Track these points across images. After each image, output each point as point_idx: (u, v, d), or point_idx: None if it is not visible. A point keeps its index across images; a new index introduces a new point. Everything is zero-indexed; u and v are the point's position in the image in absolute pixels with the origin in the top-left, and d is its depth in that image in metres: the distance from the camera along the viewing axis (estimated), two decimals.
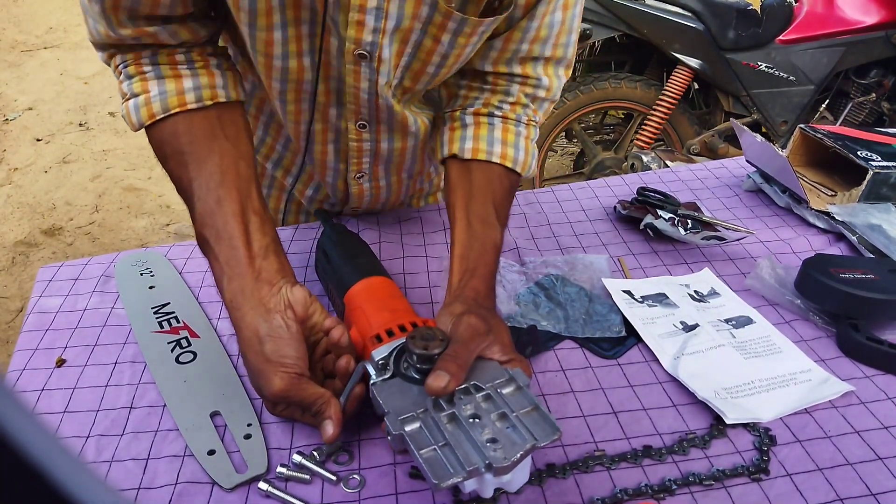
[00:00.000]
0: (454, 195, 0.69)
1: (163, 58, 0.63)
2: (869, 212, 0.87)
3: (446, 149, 0.73)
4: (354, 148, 0.76)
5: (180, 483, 0.54)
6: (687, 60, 2.20)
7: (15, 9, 4.53)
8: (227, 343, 0.70)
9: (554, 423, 0.47)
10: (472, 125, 0.72)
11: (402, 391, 0.51)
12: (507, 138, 0.71)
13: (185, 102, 0.63)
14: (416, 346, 0.51)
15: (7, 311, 2.16)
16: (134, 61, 0.63)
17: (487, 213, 0.66)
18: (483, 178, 0.69)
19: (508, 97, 0.73)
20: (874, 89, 2.30)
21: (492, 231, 0.65)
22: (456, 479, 0.44)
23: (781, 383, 0.65)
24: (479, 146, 0.71)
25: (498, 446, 0.45)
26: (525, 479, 0.49)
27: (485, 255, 0.63)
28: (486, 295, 0.61)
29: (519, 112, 0.73)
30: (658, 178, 1.04)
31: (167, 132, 0.63)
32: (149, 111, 0.63)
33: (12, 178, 2.83)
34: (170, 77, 0.63)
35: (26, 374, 0.66)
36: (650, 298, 0.76)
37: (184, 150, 0.62)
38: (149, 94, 0.63)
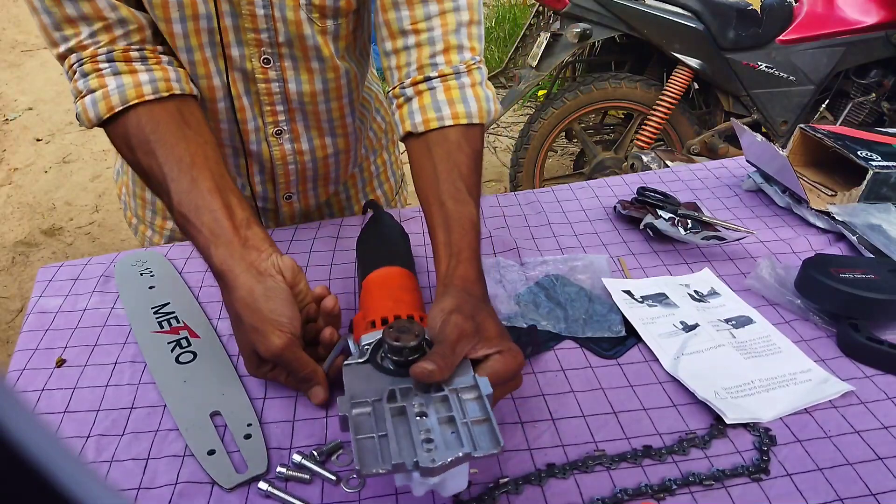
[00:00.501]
0: (420, 179, 0.68)
1: (118, 55, 0.66)
2: (869, 212, 0.87)
3: (400, 129, 0.72)
4: (264, 90, 0.76)
5: (180, 483, 0.54)
6: (687, 60, 2.20)
7: (15, 9, 4.53)
8: (227, 343, 0.70)
9: (499, 438, 0.46)
10: (415, 97, 0.71)
11: (369, 378, 0.51)
12: (452, 96, 0.69)
13: (143, 94, 0.65)
14: (390, 336, 0.52)
15: (7, 311, 2.16)
16: (90, 60, 0.66)
17: (458, 190, 0.65)
18: (443, 153, 0.67)
19: (436, 47, 0.70)
20: (874, 89, 2.30)
21: (466, 208, 0.64)
22: (380, 470, 0.44)
23: (781, 383, 0.65)
24: (427, 116, 0.69)
25: (431, 447, 0.45)
26: (462, 486, 0.47)
27: (465, 236, 0.62)
28: (476, 279, 0.60)
29: (455, 63, 0.70)
30: (658, 178, 1.04)
31: (131, 123, 0.65)
32: (107, 104, 0.65)
33: (12, 178, 2.83)
34: (125, 72, 0.66)
35: (26, 374, 0.66)
36: (650, 298, 0.76)
37: (149, 139, 0.64)
38: (106, 88, 0.65)
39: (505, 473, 0.56)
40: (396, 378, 0.51)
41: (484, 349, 0.54)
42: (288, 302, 0.58)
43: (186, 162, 0.63)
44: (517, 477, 0.55)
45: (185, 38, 0.70)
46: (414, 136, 0.70)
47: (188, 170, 0.62)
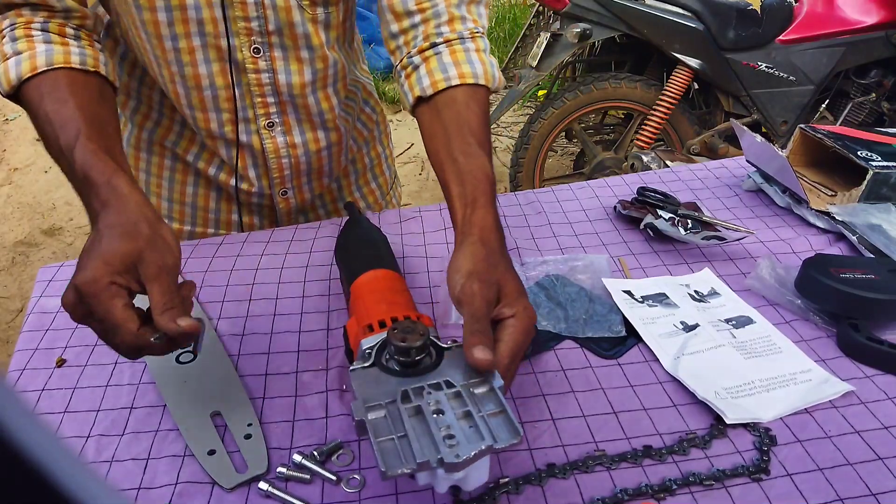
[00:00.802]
0: (433, 140, 0.69)
1: (53, 27, 0.66)
2: (869, 212, 0.87)
3: (410, 97, 0.73)
4: (254, 81, 0.77)
5: (180, 483, 0.54)
6: (687, 60, 2.20)
7: None
8: (227, 343, 0.70)
9: (517, 428, 0.46)
10: (422, 63, 0.72)
11: (378, 381, 0.51)
12: (458, 58, 0.71)
13: (70, 62, 0.64)
14: (395, 338, 0.52)
15: (7, 311, 2.16)
16: (24, 25, 0.66)
17: (468, 145, 0.65)
18: (452, 113, 0.68)
19: (440, 18, 0.72)
20: (874, 89, 2.30)
21: (479, 161, 0.64)
22: (405, 470, 0.44)
23: (781, 383, 0.65)
24: (435, 78, 0.70)
25: (453, 443, 0.45)
26: (483, 479, 0.48)
27: (479, 185, 0.62)
28: (493, 227, 0.59)
29: (459, 29, 0.72)
30: (658, 178, 1.04)
31: (48, 80, 0.63)
32: (32, 64, 0.63)
33: (12, 178, 2.83)
34: (57, 42, 0.66)
35: (26, 374, 0.66)
36: (650, 298, 0.76)
37: (66, 98, 0.62)
38: (35, 50, 0.64)
39: (505, 473, 0.56)
40: (404, 378, 0.51)
41: (503, 309, 0.54)
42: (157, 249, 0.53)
43: (97, 121, 0.61)
44: (517, 477, 0.55)
45: (170, 27, 0.71)
46: (423, 100, 0.71)
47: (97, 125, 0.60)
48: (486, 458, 0.47)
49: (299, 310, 0.75)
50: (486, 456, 0.46)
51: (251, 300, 0.76)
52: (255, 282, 0.79)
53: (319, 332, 0.72)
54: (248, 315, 0.74)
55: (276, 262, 0.82)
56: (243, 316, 0.74)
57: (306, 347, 0.69)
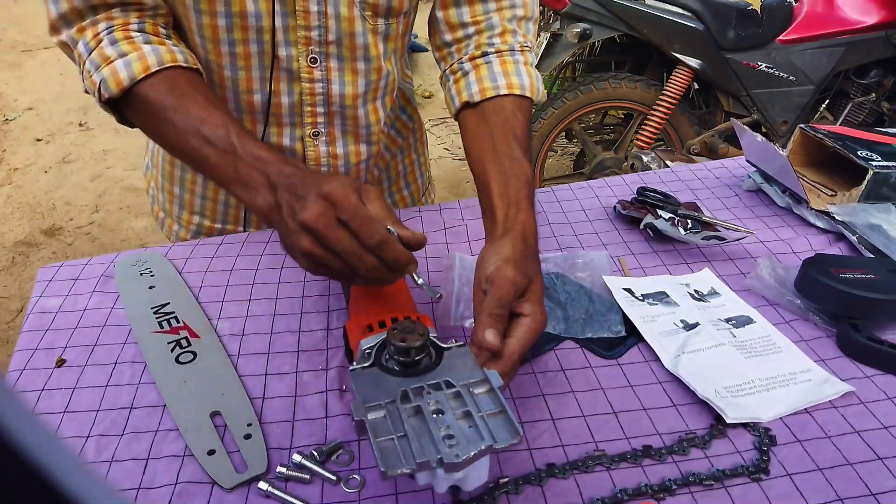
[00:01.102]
0: (478, 142, 0.70)
1: (148, 27, 0.69)
2: (869, 212, 0.87)
3: (457, 101, 0.75)
4: (307, 91, 0.77)
5: (180, 483, 0.54)
6: (687, 60, 2.20)
7: (15, 9, 4.53)
8: (227, 343, 0.70)
9: (517, 428, 0.47)
10: (472, 70, 0.74)
11: (378, 381, 0.51)
12: (507, 69, 0.73)
13: (177, 60, 0.67)
14: (395, 338, 0.52)
15: (7, 311, 2.16)
16: (121, 27, 0.67)
17: (513, 150, 0.67)
18: (500, 119, 0.71)
19: (494, 30, 0.75)
20: (874, 89, 2.30)
21: (523, 166, 0.66)
22: (405, 470, 0.44)
23: (782, 383, 0.65)
24: (484, 85, 0.73)
25: (453, 443, 0.45)
26: (483, 479, 0.48)
27: (522, 188, 0.64)
28: (534, 229, 0.62)
29: (510, 42, 0.75)
30: (658, 178, 1.04)
31: (165, 79, 0.66)
32: (143, 64, 0.66)
33: (12, 178, 2.83)
34: (156, 42, 0.68)
35: (26, 374, 0.66)
36: (651, 296, 0.76)
37: (186, 93, 0.65)
38: (142, 51, 0.66)
39: (505, 473, 0.56)
40: (404, 379, 0.51)
41: (524, 304, 0.55)
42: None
43: (229, 113, 0.65)
44: (517, 477, 0.55)
45: (227, 32, 0.71)
46: (470, 106, 0.73)
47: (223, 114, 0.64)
48: (485, 459, 0.47)
49: (299, 310, 0.75)
50: (485, 456, 0.46)
51: (251, 300, 0.76)
52: (255, 282, 0.79)
53: (319, 332, 0.72)
54: (247, 315, 0.74)
55: (276, 262, 0.82)
56: (243, 316, 0.74)
57: (306, 347, 0.69)
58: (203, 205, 0.90)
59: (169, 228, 0.96)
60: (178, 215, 0.93)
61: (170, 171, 0.89)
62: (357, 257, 0.52)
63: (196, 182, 0.89)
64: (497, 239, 0.60)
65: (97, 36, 0.67)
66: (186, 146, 0.64)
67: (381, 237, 0.52)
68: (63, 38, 0.69)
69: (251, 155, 0.60)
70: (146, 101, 0.66)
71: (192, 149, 0.63)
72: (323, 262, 0.53)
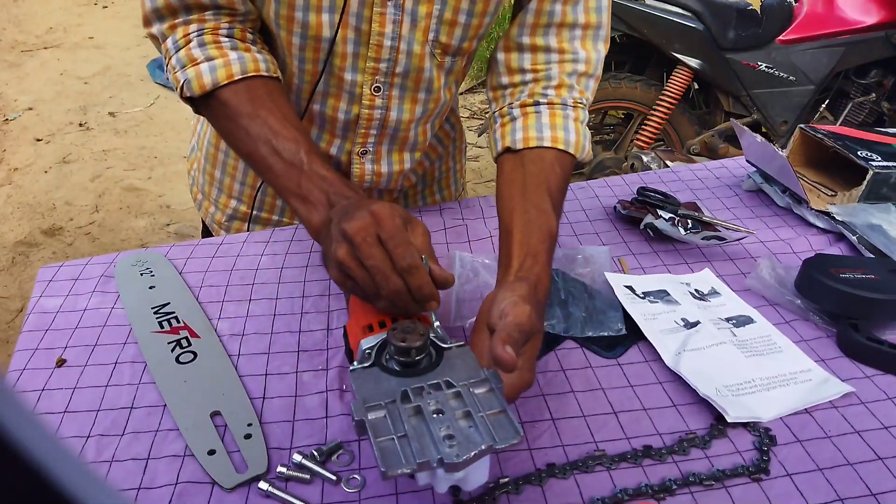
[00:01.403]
0: (510, 187, 0.70)
1: (237, 32, 0.71)
2: (869, 212, 0.87)
3: (500, 144, 0.75)
4: (365, 116, 0.78)
5: (180, 483, 0.54)
6: (687, 60, 2.20)
7: (15, 9, 4.53)
8: (227, 343, 0.70)
9: (517, 427, 0.46)
10: (521, 117, 0.74)
11: (378, 380, 0.51)
12: (556, 122, 0.73)
13: (259, 69, 0.70)
14: (395, 338, 0.52)
15: (7, 311, 2.16)
16: (212, 31, 0.70)
17: (543, 202, 0.67)
18: (536, 169, 0.70)
19: (551, 81, 0.74)
20: (874, 89, 2.30)
21: (549, 219, 0.66)
22: (405, 470, 0.44)
23: (782, 383, 0.65)
24: (529, 135, 0.72)
25: (454, 443, 0.45)
26: (483, 479, 0.49)
27: (544, 242, 0.64)
28: (546, 287, 0.61)
29: (564, 95, 0.75)
30: (658, 178, 1.04)
31: (246, 88, 0.69)
32: (227, 72, 0.68)
33: (12, 178, 2.83)
34: (242, 49, 0.71)
35: (26, 374, 0.66)
36: (652, 294, 0.76)
37: (264, 103, 0.68)
38: (228, 57, 0.69)
39: (505, 473, 0.56)
40: (404, 379, 0.51)
41: (525, 361, 0.55)
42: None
43: (301, 128, 0.68)
44: (517, 477, 0.55)
45: (300, 50, 0.73)
46: (511, 151, 0.73)
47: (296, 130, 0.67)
48: (485, 459, 0.47)
49: (299, 310, 0.75)
50: (486, 456, 0.46)
51: (251, 300, 0.76)
52: (255, 282, 0.79)
53: (319, 332, 0.72)
54: (248, 315, 0.74)
55: (276, 262, 0.82)
56: (243, 316, 0.74)
57: (306, 347, 0.69)
58: (241, 190, 0.91)
59: (206, 210, 0.97)
60: (216, 198, 0.94)
61: (213, 154, 0.90)
62: (384, 276, 0.53)
63: (237, 168, 0.90)
64: (511, 283, 0.59)
65: (187, 36, 0.69)
66: (255, 153, 0.67)
67: (412, 262, 0.53)
68: (153, 32, 0.71)
69: (317, 174, 0.63)
70: (225, 105, 0.69)
71: (261, 156, 0.66)
72: (352, 275, 0.54)
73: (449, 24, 0.71)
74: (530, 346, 0.56)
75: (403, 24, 0.70)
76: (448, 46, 0.74)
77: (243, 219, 0.92)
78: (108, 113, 3.34)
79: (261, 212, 0.92)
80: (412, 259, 0.53)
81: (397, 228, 0.54)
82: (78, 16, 4.46)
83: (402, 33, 0.71)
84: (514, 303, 0.55)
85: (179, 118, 3.28)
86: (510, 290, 0.57)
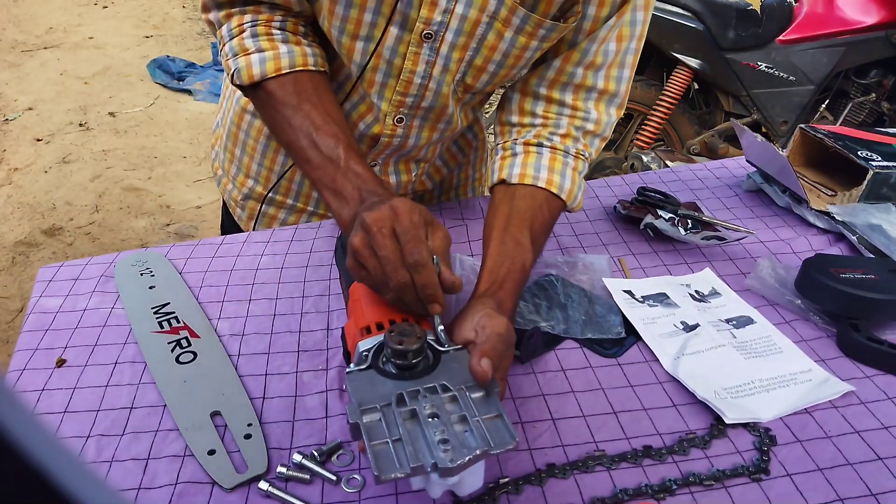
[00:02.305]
0: (495, 217, 0.71)
1: (290, 26, 0.72)
2: (869, 212, 0.87)
3: (496, 175, 0.75)
4: (384, 143, 0.80)
5: (180, 483, 0.54)
6: (687, 60, 2.20)
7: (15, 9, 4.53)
8: (227, 343, 0.70)
9: (513, 432, 0.46)
10: (522, 153, 0.75)
11: (374, 383, 0.51)
12: (554, 166, 0.74)
13: (307, 64, 0.72)
14: (392, 340, 0.52)
15: (7, 311, 2.16)
16: (265, 23, 0.72)
17: (522, 237, 0.68)
18: (525, 205, 0.71)
19: (558, 129, 0.76)
20: (874, 89, 2.30)
21: (524, 253, 0.67)
22: (398, 475, 0.44)
23: (781, 383, 0.65)
24: (526, 171, 0.73)
25: (448, 447, 0.45)
26: (478, 484, 0.48)
27: (513, 272, 0.64)
28: (510, 309, 0.62)
29: (568, 144, 0.76)
30: (658, 178, 1.04)
31: (293, 82, 0.70)
32: (276, 65, 0.70)
33: (12, 178, 2.83)
34: (293, 42, 0.72)
35: (26, 374, 0.66)
36: (651, 298, 0.76)
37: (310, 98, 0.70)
38: (278, 50, 0.71)
39: (505, 473, 0.56)
40: (400, 381, 0.51)
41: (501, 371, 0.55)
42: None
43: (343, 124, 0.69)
44: (517, 477, 0.55)
45: (331, 69, 0.76)
46: (505, 184, 0.74)
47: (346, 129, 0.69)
48: (480, 464, 0.47)
49: (299, 310, 0.75)
50: (481, 461, 0.46)
51: (251, 300, 0.76)
52: (255, 282, 0.79)
53: (319, 332, 0.72)
54: (247, 315, 0.74)
55: (276, 262, 0.82)
56: (243, 316, 0.74)
57: (306, 347, 0.69)
58: (258, 171, 0.91)
59: (224, 187, 0.98)
60: (234, 176, 0.95)
61: (235, 133, 0.91)
62: (393, 268, 0.54)
63: (256, 150, 0.90)
64: (476, 299, 0.60)
65: (241, 25, 0.71)
66: (295, 143, 0.68)
67: (421, 259, 0.54)
68: (210, 18, 0.74)
69: (353, 171, 0.65)
70: (271, 95, 0.71)
71: (300, 147, 0.68)
72: (364, 264, 0.55)
73: (477, 70, 0.73)
74: (507, 357, 0.56)
75: (436, 66, 0.72)
76: (471, 87, 0.76)
77: (258, 199, 0.93)
78: (108, 113, 3.34)
79: (276, 194, 0.93)
80: (420, 256, 0.53)
81: (413, 224, 0.55)
82: (78, 16, 4.46)
83: (432, 73, 0.72)
84: (489, 315, 0.56)
85: (179, 118, 3.28)
86: (479, 304, 0.58)
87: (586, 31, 0.72)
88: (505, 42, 0.69)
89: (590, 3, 0.70)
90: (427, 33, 0.69)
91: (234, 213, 0.97)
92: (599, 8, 0.70)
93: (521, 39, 0.69)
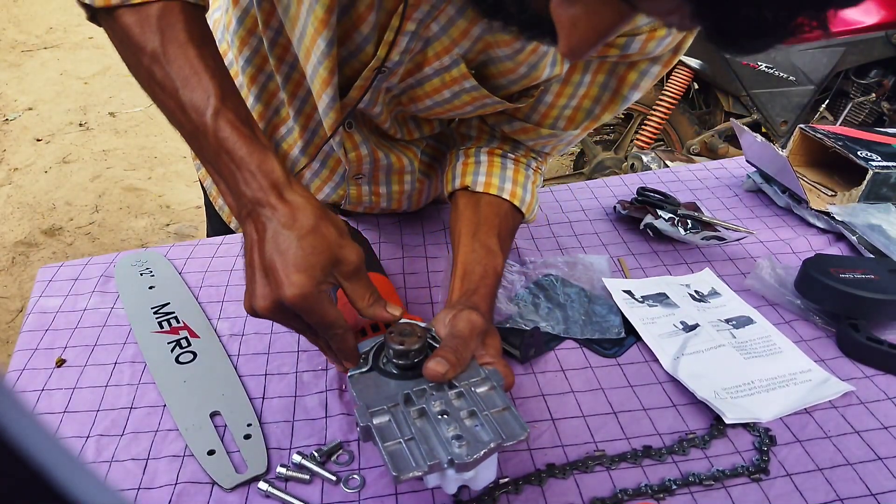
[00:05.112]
0: (460, 223, 0.71)
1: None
2: (869, 212, 0.87)
3: (458, 181, 0.74)
4: (354, 158, 0.76)
5: (180, 483, 0.54)
6: (687, 60, 2.20)
7: (15, 9, 4.53)
8: (227, 343, 0.70)
9: (523, 423, 0.47)
10: (486, 162, 0.75)
11: (378, 385, 0.51)
12: (518, 178, 0.74)
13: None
14: (393, 341, 0.52)
15: (7, 311, 2.16)
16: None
17: (492, 243, 0.67)
18: (491, 211, 0.71)
19: (518, 147, 0.77)
20: (874, 89, 2.30)
21: (495, 258, 0.66)
22: (416, 473, 0.44)
23: (781, 383, 0.65)
24: (491, 181, 0.73)
25: (463, 443, 0.45)
26: (491, 478, 0.49)
27: (486, 278, 0.64)
28: (486, 310, 0.62)
29: (529, 158, 0.77)
30: (658, 178, 1.04)
31: (158, 13, 0.54)
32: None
33: (12, 178, 2.83)
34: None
35: (26, 374, 0.66)
36: (650, 298, 0.76)
37: (176, 37, 0.54)
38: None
39: (505, 473, 0.56)
40: (403, 381, 0.51)
41: (490, 357, 0.55)
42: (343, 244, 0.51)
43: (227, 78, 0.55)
44: (517, 477, 0.55)
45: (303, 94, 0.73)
46: (468, 191, 0.73)
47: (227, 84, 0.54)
48: (494, 456, 0.47)
49: None
50: (495, 454, 0.46)
51: None
52: None
53: None
54: (247, 315, 0.74)
55: None
56: (243, 316, 0.74)
57: (306, 347, 0.69)
58: None
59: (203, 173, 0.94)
60: None
61: None
62: (308, 336, 0.55)
63: None
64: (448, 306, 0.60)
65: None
66: (163, 105, 0.55)
67: (326, 330, 0.51)
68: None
69: (225, 148, 0.52)
70: (127, 34, 0.55)
71: (168, 110, 0.55)
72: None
73: (410, 99, 0.70)
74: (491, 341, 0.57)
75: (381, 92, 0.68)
76: (402, 106, 0.73)
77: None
78: (108, 113, 3.34)
79: None
80: (323, 327, 0.51)
81: (301, 296, 0.48)
82: (78, 16, 4.45)
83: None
84: (454, 315, 0.56)
85: None
86: (449, 307, 0.58)
87: (542, 110, 0.71)
88: (449, 92, 0.67)
89: (547, 91, 0.69)
90: (383, 69, 0.64)
91: (216, 204, 0.94)
92: (557, 97, 0.70)
93: (464, 98, 0.67)
